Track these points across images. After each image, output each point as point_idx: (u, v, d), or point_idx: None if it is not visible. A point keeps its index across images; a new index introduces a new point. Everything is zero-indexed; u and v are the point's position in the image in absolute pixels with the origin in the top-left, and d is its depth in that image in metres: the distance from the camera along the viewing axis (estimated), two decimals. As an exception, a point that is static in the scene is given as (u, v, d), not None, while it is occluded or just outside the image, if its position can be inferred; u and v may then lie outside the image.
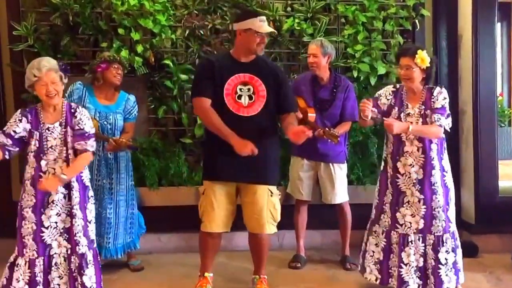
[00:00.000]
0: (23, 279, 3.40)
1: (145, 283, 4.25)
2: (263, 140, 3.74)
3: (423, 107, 3.75)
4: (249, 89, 3.75)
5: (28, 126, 3.40)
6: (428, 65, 3.69)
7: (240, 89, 3.75)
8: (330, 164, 4.50)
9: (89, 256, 3.50)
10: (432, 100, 3.73)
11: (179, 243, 4.88)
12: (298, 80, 4.65)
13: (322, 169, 4.52)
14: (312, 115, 4.37)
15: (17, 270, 3.40)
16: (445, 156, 3.82)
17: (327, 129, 4.20)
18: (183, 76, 4.77)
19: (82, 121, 3.46)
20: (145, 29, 4.70)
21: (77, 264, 3.46)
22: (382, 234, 3.88)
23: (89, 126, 3.49)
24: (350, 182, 4.72)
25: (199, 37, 4.84)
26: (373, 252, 3.92)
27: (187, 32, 4.84)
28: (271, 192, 3.84)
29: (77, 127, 3.44)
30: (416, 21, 5.11)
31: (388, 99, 3.87)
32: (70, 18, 4.65)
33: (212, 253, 3.97)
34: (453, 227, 3.79)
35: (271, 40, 5.00)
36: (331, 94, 4.49)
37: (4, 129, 3.43)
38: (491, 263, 4.63)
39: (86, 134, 3.46)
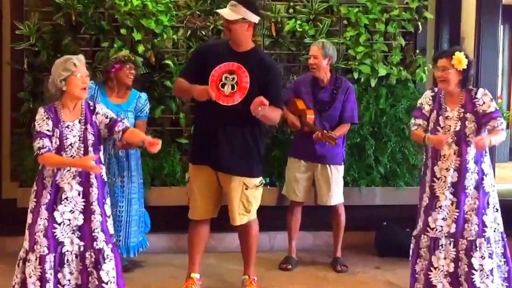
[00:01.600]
0: (34, 275, 3.39)
1: (132, 284, 4.17)
2: (241, 132, 3.78)
3: (463, 110, 3.68)
4: (233, 79, 3.76)
5: (51, 124, 3.41)
6: (465, 67, 3.62)
7: (226, 78, 3.76)
8: (327, 166, 4.52)
9: (107, 251, 3.47)
10: (477, 102, 3.66)
11: (168, 243, 4.92)
12: (298, 81, 4.66)
13: (319, 170, 4.54)
14: (310, 117, 4.40)
15: (29, 266, 3.40)
16: (486, 160, 3.75)
17: (325, 131, 4.23)
18: (184, 76, 4.81)
19: (107, 112, 3.52)
20: (147, 29, 4.72)
21: (93, 260, 3.45)
22: (414, 239, 3.84)
23: (112, 113, 3.57)
24: (345, 184, 4.74)
25: (200, 37, 4.86)
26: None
27: (189, 32, 4.86)
28: (246, 186, 3.86)
29: (107, 120, 3.48)
30: (419, 23, 5.10)
31: (429, 105, 3.79)
32: (73, 17, 4.67)
33: (199, 245, 4.00)
34: (489, 232, 3.70)
35: (272, 41, 5.04)
36: (331, 95, 4.50)
37: (39, 130, 3.39)
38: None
39: (119, 119, 3.54)
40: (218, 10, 3.85)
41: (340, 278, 4.45)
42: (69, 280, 3.45)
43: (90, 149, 3.44)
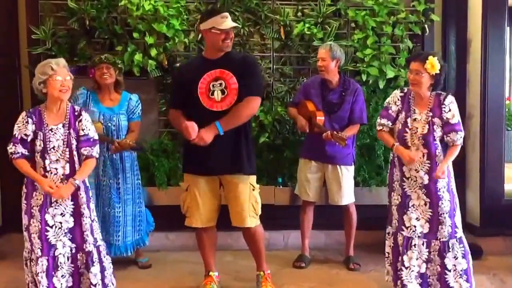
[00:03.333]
0: (40, 272, 3.48)
1: (153, 280, 4.35)
2: (238, 132, 3.82)
3: (431, 114, 3.74)
4: (221, 84, 3.80)
5: (33, 127, 3.50)
6: (438, 71, 3.68)
7: (213, 85, 3.80)
8: (338, 166, 4.57)
9: (95, 255, 3.60)
10: (444, 109, 3.72)
11: (186, 241, 4.96)
12: (307, 84, 4.72)
13: (330, 171, 4.59)
14: (320, 118, 4.44)
15: (34, 265, 3.49)
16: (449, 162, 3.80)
17: (335, 132, 4.27)
18: (195, 79, 4.88)
19: (86, 127, 3.58)
20: (159, 33, 4.81)
21: (84, 261, 3.57)
22: (392, 235, 3.91)
23: (93, 131, 3.61)
24: (356, 184, 4.80)
25: (211, 41, 4.95)
26: (388, 253, 3.95)
27: (199, 36, 4.93)
28: (253, 187, 3.92)
29: (82, 133, 3.57)
30: (426, 26, 5.17)
31: (397, 105, 3.86)
32: (86, 22, 4.78)
33: (209, 248, 4.06)
34: (459, 232, 3.78)
35: (282, 44, 5.12)
36: (340, 97, 4.55)
37: (15, 134, 3.50)
38: (495, 265, 4.66)
39: (92, 140, 3.59)
40: (232, 24, 3.82)
41: (353, 276, 4.49)
42: (61, 284, 3.53)
43: (75, 153, 3.55)
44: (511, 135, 6.53)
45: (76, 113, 3.59)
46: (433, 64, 3.65)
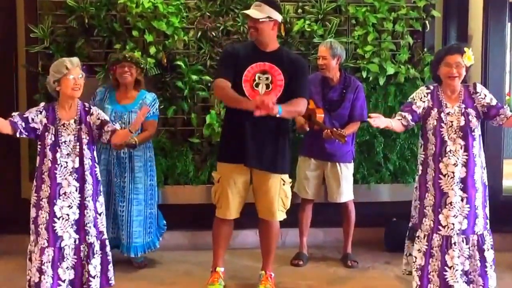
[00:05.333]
0: (34, 266, 3.56)
1: (148, 280, 4.34)
2: (276, 130, 3.84)
3: (463, 105, 3.71)
4: (267, 78, 3.83)
5: (45, 120, 3.62)
6: (473, 63, 3.68)
7: (259, 77, 3.83)
8: (337, 163, 4.58)
9: (97, 247, 3.67)
10: (479, 97, 3.71)
11: (182, 240, 4.99)
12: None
13: (329, 168, 4.60)
14: (320, 116, 4.43)
15: (35, 259, 3.56)
16: (482, 153, 3.77)
17: (334, 129, 4.27)
18: (194, 77, 4.86)
19: (100, 114, 3.74)
20: (158, 31, 4.79)
21: (86, 253, 3.64)
22: (424, 238, 3.75)
23: (106, 117, 3.80)
24: (354, 181, 4.80)
25: (211, 38, 4.93)
26: (415, 258, 3.80)
27: (199, 33, 4.93)
28: (284, 181, 3.95)
29: (98, 121, 3.69)
30: (427, 22, 5.15)
31: (423, 101, 3.77)
32: (85, 20, 4.76)
33: (224, 241, 4.09)
34: (488, 224, 3.77)
35: (282, 41, 5.08)
36: (341, 94, 4.55)
37: (23, 112, 3.65)
38: (493, 262, 4.72)
39: (109, 120, 3.80)
40: (244, 11, 3.86)
41: (351, 274, 4.52)
42: (66, 275, 3.59)
43: (85, 147, 3.66)
44: (510, 131, 6.54)
45: (86, 109, 3.72)
46: (469, 56, 3.64)
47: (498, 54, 5.12)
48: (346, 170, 4.62)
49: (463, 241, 3.69)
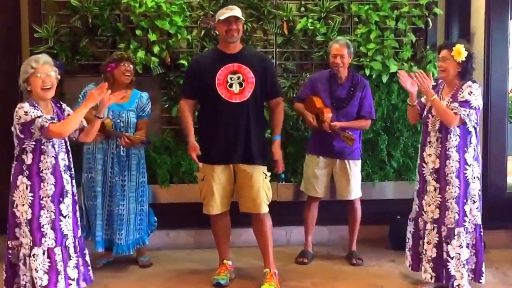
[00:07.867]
0: (41, 269, 3.43)
1: (154, 279, 4.34)
2: (254, 124, 4.03)
3: (451, 99, 3.83)
4: (238, 77, 4.01)
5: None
6: (464, 59, 3.77)
7: (231, 78, 4.00)
8: (346, 161, 4.57)
9: (76, 244, 3.64)
10: (461, 93, 3.79)
11: (187, 239, 5.00)
12: (314, 78, 4.68)
13: (338, 166, 4.60)
14: (328, 115, 4.42)
15: (35, 261, 3.42)
16: (470, 150, 3.84)
17: (343, 132, 4.30)
18: (198, 76, 4.88)
19: (69, 110, 3.66)
20: (162, 30, 4.79)
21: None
22: (412, 221, 4.07)
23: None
24: (360, 179, 4.82)
25: (214, 37, 4.93)
26: (408, 239, 4.12)
27: (202, 32, 4.95)
28: (265, 175, 4.08)
29: (69, 116, 3.59)
30: (429, 19, 5.15)
31: None
32: (89, 20, 4.76)
33: (223, 235, 4.23)
34: (468, 222, 3.84)
35: (285, 40, 5.11)
36: (348, 92, 4.55)
37: (33, 116, 3.36)
38: (497, 258, 4.68)
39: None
40: (233, 14, 3.92)
41: (356, 271, 4.52)
42: (75, 273, 3.58)
43: (68, 144, 3.61)
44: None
45: (58, 105, 3.64)
46: (460, 51, 3.77)
47: (500, 52, 5.13)
48: (355, 167, 4.62)
49: (433, 229, 3.88)
